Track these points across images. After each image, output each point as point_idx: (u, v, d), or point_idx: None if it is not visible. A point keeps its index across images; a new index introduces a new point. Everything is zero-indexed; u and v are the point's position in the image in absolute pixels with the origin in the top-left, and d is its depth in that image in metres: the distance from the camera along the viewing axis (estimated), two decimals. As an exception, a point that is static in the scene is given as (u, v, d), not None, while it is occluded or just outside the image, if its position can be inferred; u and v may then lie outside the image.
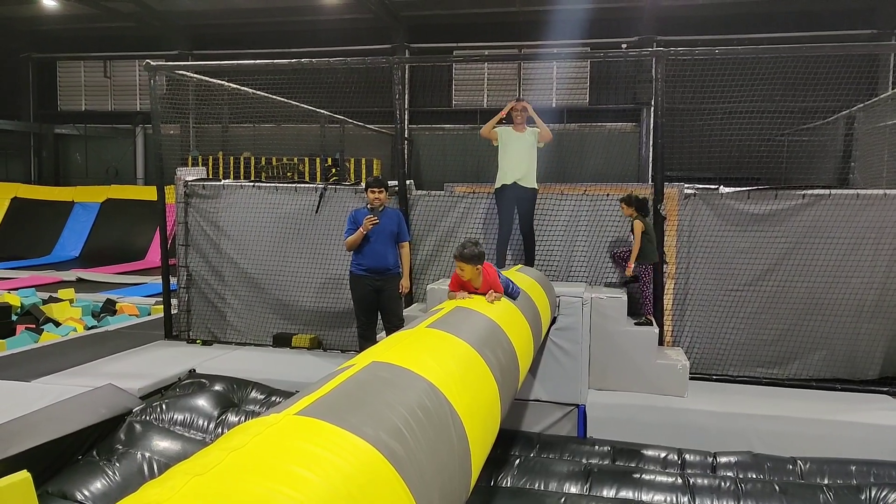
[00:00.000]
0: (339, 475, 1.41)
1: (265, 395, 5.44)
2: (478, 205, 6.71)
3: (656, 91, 5.99)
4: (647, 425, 5.04)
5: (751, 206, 6.11)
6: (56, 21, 18.59)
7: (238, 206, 7.21)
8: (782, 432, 4.86)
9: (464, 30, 17.02)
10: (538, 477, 4.42)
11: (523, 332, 3.56)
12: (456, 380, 2.26)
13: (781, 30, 14.54)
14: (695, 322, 6.22)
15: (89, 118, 20.02)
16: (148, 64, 6.86)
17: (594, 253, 6.43)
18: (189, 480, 1.29)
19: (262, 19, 17.63)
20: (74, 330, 7.97)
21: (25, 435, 4.10)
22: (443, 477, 1.79)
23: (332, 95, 11.18)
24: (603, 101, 16.69)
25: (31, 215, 17.30)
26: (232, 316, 7.29)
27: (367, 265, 5.80)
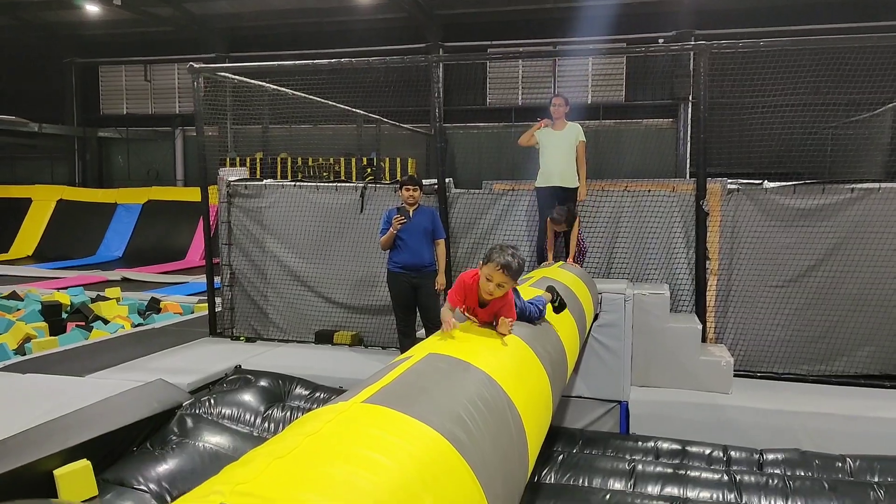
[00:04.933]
0: (411, 460, 1.46)
1: (310, 390, 5.54)
2: (518, 202, 6.72)
3: (700, 85, 5.92)
4: (691, 422, 5.01)
5: (796, 201, 6.01)
6: (98, 27, 19.08)
7: (280, 206, 7.33)
8: (830, 430, 4.79)
9: (498, 27, 17.00)
10: (582, 473, 4.42)
11: (570, 326, 3.57)
12: (510, 372, 2.30)
13: (824, 21, 14.21)
14: (738, 318, 6.14)
15: (130, 121, 20.52)
16: (192, 66, 7.01)
17: (636, 249, 6.39)
18: (271, 462, 1.35)
19: (297, 20, 17.85)
20: (122, 327, 8.20)
21: (84, 427, 4.25)
22: (503, 463, 1.83)
23: (367, 95, 11.29)
24: (639, 97, 16.52)
25: (76, 217, 17.81)
26: (274, 313, 7.42)
27: (402, 262, 5.88)
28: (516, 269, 2.74)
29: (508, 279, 2.72)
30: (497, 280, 2.72)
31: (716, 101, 6.36)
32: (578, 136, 6.17)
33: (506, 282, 2.72)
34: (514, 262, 2.73)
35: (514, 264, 2.73)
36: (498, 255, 2.73)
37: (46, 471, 3.83)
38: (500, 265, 2.71)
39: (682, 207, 6.27)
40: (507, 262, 2.71)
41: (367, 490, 1.28)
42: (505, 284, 2.73)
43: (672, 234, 6.31)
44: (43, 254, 17.02)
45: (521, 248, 6.70)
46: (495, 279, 2.71)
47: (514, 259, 2.74)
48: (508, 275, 2.72)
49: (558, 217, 5.75)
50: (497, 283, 2.71)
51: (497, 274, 2.71)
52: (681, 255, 6.30)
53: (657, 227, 6.33)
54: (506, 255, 2.73)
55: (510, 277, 2.73)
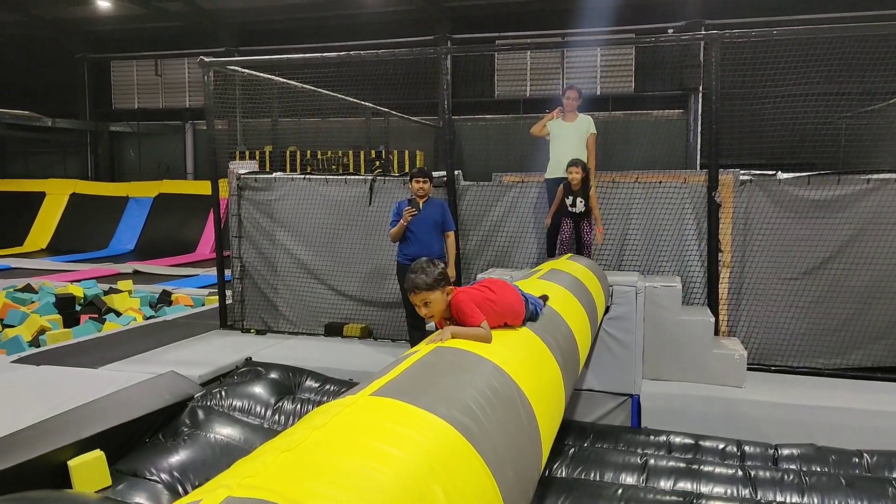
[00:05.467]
0: (421, 450, 1.44)
1: (320, 383, 5.54)
2: (526, 194, 6.69)
3: (711, 75, 5.85)
4: (704, 416, 4.97)
5: (811, 192, 5.94)
6: (109, 22, 19.15)
7: (289, 199, 7.33)
8: (846, 424, 4.73)
9: (506, 19, 16.89)
10: (593, 467, 4.39)
11: (580, 319, 3.55)
12: (520, 362, 2.28)
13: (837, 9, 14.02)
14: (752, 311, 6.09)
15: (142, 116, 20.59)
16: (202, 60, 7.01)
17: (647, 241, 6.34)
18: (279, 456, 1.34)
19: (306, 14, 17.83)
20: (134, 320, 8.24)
21: (97, 418, 4.28)
22: (515, 453, 1.82)
23: (376, 88, 11.25)
24: (649, 88, 16.38)
25: (89, 210, 17.93)
26: (284, 306, 7.43)
27: (412, 255, 5.85)
28: (427, 281, 2.46)
29: (427, 294, 2.46)
30: (417, 301, 2.50)
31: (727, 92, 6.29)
32: (589, 129, 6.14)
33: (426, 298, 2.47)
34: (419, 276, 2.47)
35: (420, 279, 2.47)
36: (407, 280, 2.53)
37: (61, 461, 3.86)
38: (409, 289, 2.51)
39: (694, 199, 6.21)
40: (412, 283, 2.48)
41: (375, 480, 1.27)
42: (429, 300, 2.47)
43: (684, 225, 6.25)
44: (56, 247, 17.15)
45: (529, 240, 6.67)
46: (416, 302, 2.51)
47: (418, 274, 2.48)
48: (422, 290, 2.47)
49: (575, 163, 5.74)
50: (420, 304, 2.50)
51: (414, 298, 2.51)
52: (693, 247, 6.24)
53: (669, 219, 6.27)
54: (412, 276, 2.50)
55: (426, 291, 2.46)
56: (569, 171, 5.77)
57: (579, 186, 5.77)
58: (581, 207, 5.82)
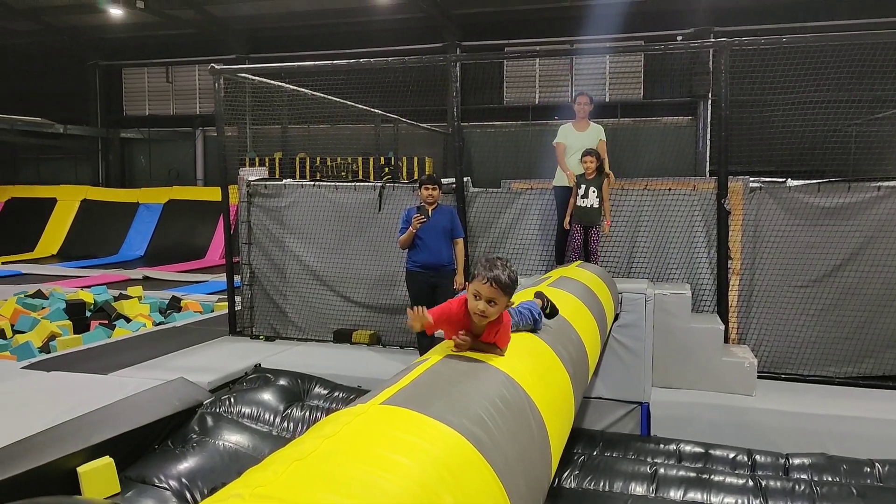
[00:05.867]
0: (431, 459, 1.44)
1: (329, 389, 5.55)
2: (536, 201, 6.69)
3: (721, 83, 5.84)
4: (714, 424, 4.93)
5: (821, 200, 5.91)
6: (121, 30, 19.33)
7: (299, 205, 7.36)
8: (858, 433, 4.69)
9: (515, 26, 16.95)
10: (602, 476, 4.37)
11: (590, 326, 3.54)
12: (530, 371, 2.28)
13: (846, 16, 13.98)
14: (762, 319, 6.05)
15: (152, 122, 20.77)
16: (213, 67, 7.06)
17: (656, 249, 6.32)
18: (290, 465, 1.34)
19: (316, 21, 17.94)
20: (144, 326, 8.29)
21: (106, 425, 4.30)
22: (525, 462, 1.81)
23: (385, 95, 11.31)
24: (658, 95, 16.38)
25: (100, 216, 18.08)
26: (293, 312, 7.45)
27: (421, 261, 5.87)
28: (507, 282, 2.24)
29: (499, 293, 2.22)
30: (486, 295, 2.22)
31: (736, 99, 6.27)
32: (599, 136, 6.18)
33: (496, 297, 2.22)
34: (505, 273, 2.24)
35: (505, 277, 2.23)
36: (485, 267, 2.26)
37: (70, 468, 3.88)
38: (487, 278, 2.22)
39: (704, 206, 6.20)
40: (496, 275, 2.22)
41: (386, 490, 1.27)
42: (496, 301, 2.23)
43: (693, 233, 6.24)
44: (67, 253, 17.30)
45: (538, 247, 6.67)
46: (484, 294, 2.22)
47: (504, 270, 2.24)
48: (498, 287, 2.22)
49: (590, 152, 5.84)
50: (487, 300, 2.22)
51: (485, 288, 2.22)
52: (702, 254, 6.22)
53: (678, 227, 6.25)
54: (494, 268, 2.24)
55: (501, 292, 2.23)
56: (583, 161, 5.89)
57: (594, 175, 5.89)
58: (594, 199, 5.84)
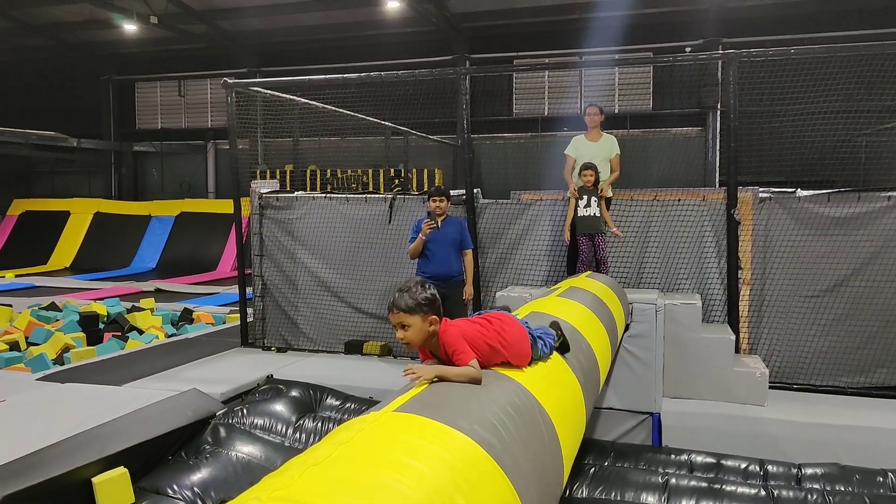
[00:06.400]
0: (445, 465, 1.47)
1: (341, 400, 5.57)
2: (545, 212, 6.72)
3: (729, 94, 5.87)
4: (725, 435, 4.92)
5: (831, 210, 5.91)
6: (134, 44, 19.60)
7: (310, 217, 7.43)
8: (870, 443, 4.66)
9: (523, 39, 17.05)
10: (613, 487, 4.37)
11: (601, 336, 3.56)
12: (542, 379, 2.31)
13: (855, 27, 13.98)
14: (773, 329, 6.04)
15: (164, 136, 20.98)
16: (225, 81, 7.16)
17: (666, 259, 6.33)
18: (306, 470, 1.38)
19: (326, 35, 18.12)
20: (157, 337, 8.35)
21: (121, 435, 4.34)
22: (537, 468, 1.84)
23: (395, 108, 11.39)
24: (667, 106, 16.40)
25: (112, 229, 18.23)
26: (304, 324, 7.49)
27: (430, 272, 5.91)
28: (409, 302, 2.19)
29: (405, 315, 2.19)
30: (395, 322, 2.23)
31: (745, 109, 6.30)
32: (613, 149, 6.23)
33: (404, 320, 2.19)
34: (406, 296, 2.20)
35: (405, 298, 2.19)
36: (391, 298, 2.25)
37: (85, 479, 3.91)
38: (389, 308, 2.24)
39: (713, 216, 6.21)
40: (394, 301, 2.22)
41: (402, 493, 1.30)
42: (406, 323, 2.20)
43: (703, 243, 6.25)
44: (80, 265, 17.43)
45: (548, 258, 6.69)
46: (394, 322, 2.24)
47: (403, 294, 2.21)
48: (400, 310, 2.19)
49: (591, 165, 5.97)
50: (398, 326, 2.23)
51: (392, 317, 2.24)
52: (712, 264, 6.23)
53: (688, 237, 6.26)
54: (396, 295, 2.23)
55: (406, 314, 2.19)
56: (582, 175, 5.99)
57: (592, 187, 5.99)
58: (595, 208, 5.90)
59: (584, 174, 5.97)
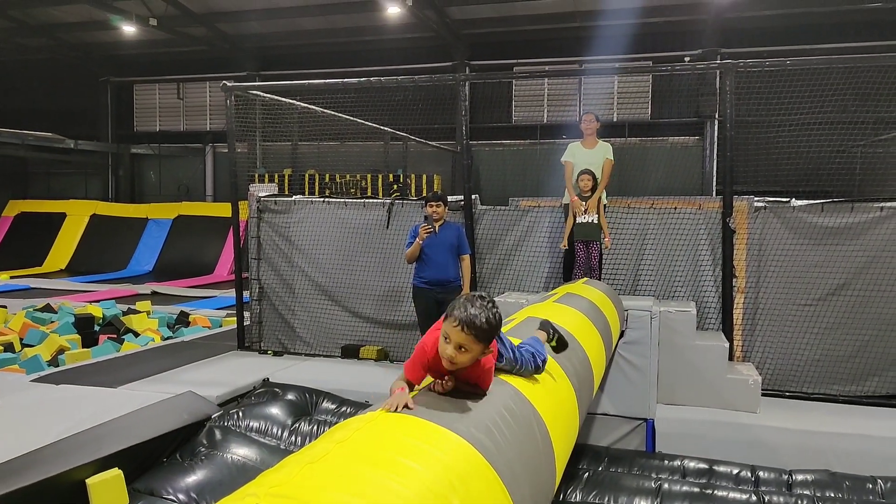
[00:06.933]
0: (440, 465, 1.50)
1: (336, 404, 5.59)
2: (543, 219, 6.76)
3: (726, 104, 5.92)
4: (718, 441, 4.95)
5: (825, 219, 5.96)
6: (133, 46, 19.61)
7: (308, 221, 7.45)
8: (861, 450, 4.71)
9: (523, 46, 17.13)
10: (607, 491, 4.40)
11: (595, 342, 3.59)
12: (537, 385, 2.33)
13: (852, 39, 14.08)
14: (766, 337, 6.09)
15: (163, 138, 20.98)
16: (225, 85, 7.19)
17: (662, 267, 6.37)
18: (303, 467, 1.40)
19: (326, 40, 18.17)
20: (152, 340, 8.35)
21: (116, 437, 4.35)
22: (530, 471, 1.86)
23: (395, 113, 11.44)
24: (665, 115, 16.49)
25: (109, 231, 18.20)
26: (301, 328, 7.51)
27: (428, 278, 5.94)
28: (484, 327, 1.89)
29: (472, 340, 1.89)
30: (455, 340, 1.89)
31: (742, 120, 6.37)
32: (606, 154, 6.28)
33: (467, 343, 1.89)
34: (483, 316, 1.89)
35: (482, 320, 1.88)
36: (460, 307, 1.91)
37: (79, 480, 3.92)
38: (459, 321, 1.88)
39: (709, 225, 6.26)
40: (469, 318, 1.87)
41: (395, 491, 1.33)
42: (467, 348, 1.90)
43: (698, 251, 6.29)
44: (76, 267, 17.39)
45: (545, 265, 6.73)
46: (453, 339, 1.90)
47: (481, 312, 1.89)
48: (471, 333, 1.88)
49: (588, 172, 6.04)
50: (456, 346, 1.89)
51: (455, 332, 1.89)
52: (707, 272, 6.27)
53: (683, 245, 6.31)
54: (470, 308, 1.89)
55: (474, 338, 1.89)
56: (580, 179, 6.04)
57: (590, 194, 6.03)
58: (593, 216, 5.95)
59: (582, 179, 6.01)
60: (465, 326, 1.88)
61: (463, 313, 1.89)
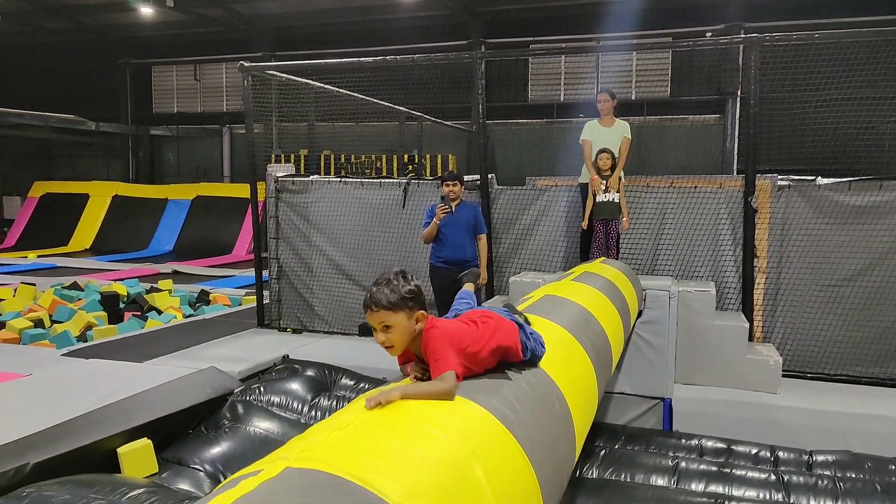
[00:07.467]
0: (462, 434, 1.53)
1: (355, 381, 5.66)
2: (559, 198, 6.73)
3: (750, 80, 5.83)
4: (737, 421, 4.94)
5: (852, 198, 5.86)
6: (151, 28, 19.68)
7: (326, 201, 7.49)
8: (883, 432, 4.67)
9: (540, 23, 16.93)
10: (624, 469, 4.41)
11: (613, 320, 3.59)
12: (555, 359, 2.35)
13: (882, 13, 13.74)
14: (787, 318, 6.03)
15: (181, 120, 21.10)
16: (242, 65, 7.20)
17: (681, 246, 6.33)
18: (331, 433, 1.43)
19: (341, 19, 18.09)
20: (175, 318, 8.48)
21: (144, 409, 4.46)
22: (550, 442, 1.89)
23: (409, 93, 11.40)
24: (685, 93, 16.25)
25: (130, 212, 18.43)
26: (319, 306, 7.58)
27: (445, 257, 5.96)
28: (390, 298, 1.84)
29: (387, 314, 1.85)
30: (375, 323, 1.89)
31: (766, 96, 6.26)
32: (624, 133, 6.21)
33: (386, 319, 1.86)
34: (386, 289, 1.86)
35: (384, 292, 1.85)
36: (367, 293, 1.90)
37: (111, 449, 4.05)
38: (364, 306, 1.90)
39: (730, 204, 6.19)
40: (372, 296, 1.87)
41: (420, 457, 1.35)
42: (389, 323, 1.86)
43: (719, 231, 6.24)
44: (100, 247, 17.66)
45: (562, 244, 6.71)
46: (374, 324, 1.91)
47: (383, 286, 1.87)
48: (381, 308, 1.85)
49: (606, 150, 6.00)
50: (379, 328, 1.90)
51: (370, 317, 1.90)
52: (728, 252, 6.22)
53: (703, 224, 6.25)
54: (372, 289, 1.89)
55: (388, 311, 1.85)
56: (599, 158, 5.98)
57: (609, 172, 5.99)
58: (614, 194, 5.91)
59: (601, 157, 5.97)
60: (373, 304, 1.87)
61: (366, 298, 1.90)
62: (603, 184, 5.95)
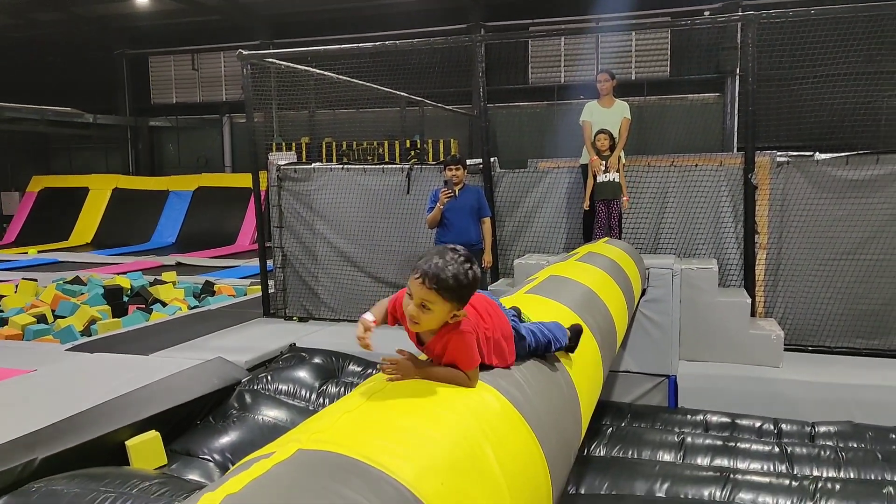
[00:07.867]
0: (472, 414, 1.56)
1: (362, 367, 5.71)
2: (561, 180, 6.75)
3: (748, 58, 5.82)
4: (741, 395, 5.00)
5: (849, 173, 5.88)
6: (147, 18, 19.56)
7: (328, 189, 7.50)
8: (884, 401, 4.73)
9: (539, 5, 16.81)
10: (631, 446, 4.47)
11: (617, 299, 3.62)
12: (561, 339, 2.38)
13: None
14: (788, 293, 6.07)
15: (180, 110, 21.03)
16: (241, 53, 7.17)
17: (683, 224, 6.35)
18: (342, 416, 1.47)
19: (338, 5, 17.97)
20: (180, 309, 8.52)
21: (151, 401, 4.50)
22: (557, 420, 1.94)
23: (410, 78, 11.35)
24: (684, 72, 16.18)
25: (131, 205, 18.42)
26: (324, 294, 7.61)
27: (449, 240, 5.97)
28: (450, 282, 1.65)
29: (436, 296, 1.66)
30: (418, 295, 1.68)
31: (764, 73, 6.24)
32: (623, 113, 6.21)
33: (431, 300, 1.67)
34: (449, 269, 1.66)
35: (448, 274, 1.65)
36: (426, 259, 1.70)
37: (119, 441, 4.09)
38: (422, 272, 1.67)
39: (730, 181, 6.21)
40: (433, 271, 1.65)
41: (433, 438, 1.39)
42: (430, 305, 1.67)
43: (720, 208, 6.26)
44: (101, 240, 17.68)
45: (565, 226, 6.73)
46: (415, 294, 1.69)
47: (449, 265, 1.66)
48: (434, 288, 1.65)
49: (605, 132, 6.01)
50: (418, 302, 1.69)
51: (416, 285, 1.68)
52: (729, 229, 6.24)
53: (704, 202, 6.27)
54: (437, 259, 1.68)
55: (438, 294, 1.66)
56: (597, 139, 6.01)
57: (608, 152, 6.00)
58: (614, 174, 5.93)
59: (599, 138, 5.98)
60: (427, 279, 1.65)
61: (426, 264, 1.67)
62: (602, 164, 5.96)
